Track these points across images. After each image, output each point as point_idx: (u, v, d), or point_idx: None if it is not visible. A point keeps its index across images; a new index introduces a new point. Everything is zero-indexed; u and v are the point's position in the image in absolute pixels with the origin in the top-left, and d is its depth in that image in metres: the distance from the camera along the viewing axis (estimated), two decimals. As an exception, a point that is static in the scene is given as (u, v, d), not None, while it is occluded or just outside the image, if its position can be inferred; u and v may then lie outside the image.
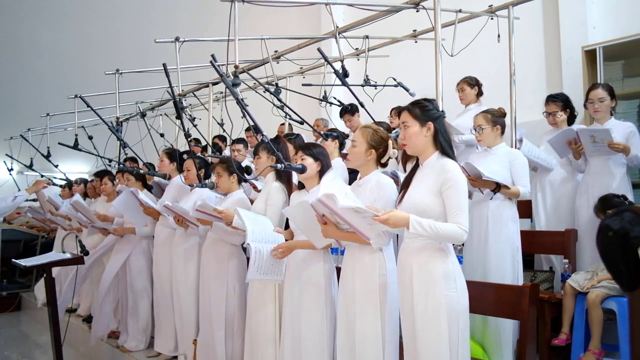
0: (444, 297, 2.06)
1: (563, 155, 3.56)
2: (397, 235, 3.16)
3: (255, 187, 3.88)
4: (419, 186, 2.19)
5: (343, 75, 3.74)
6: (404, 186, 2.29)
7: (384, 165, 2.60)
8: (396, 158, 3.10)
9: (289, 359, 2.73)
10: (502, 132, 3.32)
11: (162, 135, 5.69)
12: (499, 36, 4.23)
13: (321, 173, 2.80)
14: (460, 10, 4.11)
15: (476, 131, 3.27)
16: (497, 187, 3.07)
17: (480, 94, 4.35)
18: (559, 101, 3.68)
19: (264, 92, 4.19)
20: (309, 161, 2.80)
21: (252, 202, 3.46)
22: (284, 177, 3.15)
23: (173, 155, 4.20)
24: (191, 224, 3.54)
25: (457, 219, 2.06)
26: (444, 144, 2.21)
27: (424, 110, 2.21)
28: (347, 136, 4.18)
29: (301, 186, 2.93)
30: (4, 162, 7.68)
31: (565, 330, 3.01)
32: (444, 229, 2.03)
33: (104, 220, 4.62)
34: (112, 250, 4.58)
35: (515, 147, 3.67)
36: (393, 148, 2.53)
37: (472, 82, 4.33)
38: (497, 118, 3.28)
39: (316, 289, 2.69)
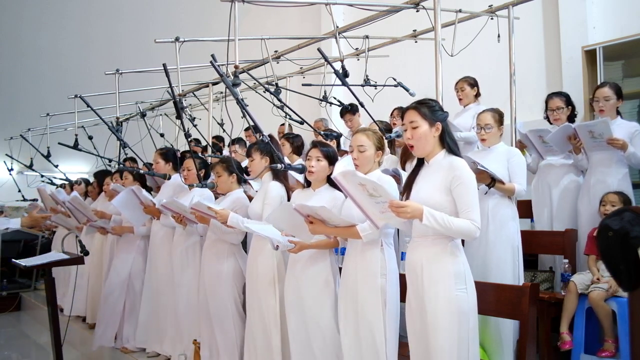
0: (454, 297, 2.06)
1: (563, 151, 3.56)
2: (398, 236, 3.18)
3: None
4: (426, 184, 2.19)
5: (343, 75, 3.74)
6: (407, 186, 2.29)
7: (380, 164, 2.65)
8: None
9: (297, 356, 2.73)
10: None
11: (162, 135, 5.69)
12: (499, 36, 4.22)
13: (329, 177, 2.80)
14: (460, 10, 4.11)
15: (483, 130, 3.23)
16: (492, 182, 3.05)
17: (478, 94, 4.36)
18: (562, 96, 3.68)
19: (264, 92, 4.19)
20: (323, 163, 2.79)
21: (250, 199, 3.46)
22: (281, 176, 3.15)
23: (167, 155, 4.19)
24: (190, 222, 3.54)
25: (470, 216, 2.06)
26: (450, 143, 2.22)
27: (432, 110, 2.21)
28: (340, 135, 4.19)
29: (306, 184, 2.92)
30: (4, 162, 7.70)
31: (564, 329, 2.97)
32: (456, 224, 2.04)
33: (101, 217, 4.61)
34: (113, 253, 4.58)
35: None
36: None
37: (472, 82, 4.35)
38: (502, 118, 3.28)
39: (321, 288, 2.69)
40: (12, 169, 7.62)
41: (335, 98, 4.84)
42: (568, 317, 2.99)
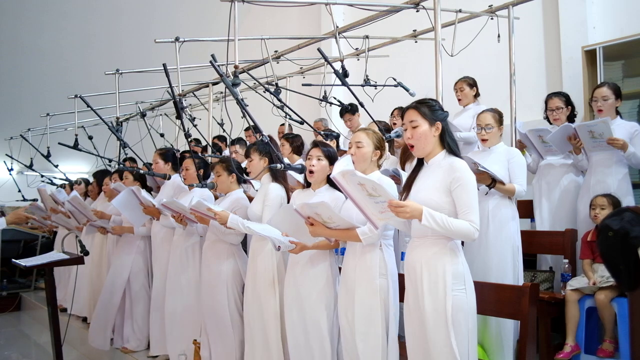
0: (452, 298, 2.06)
1: (564, 151, 3.56)
2: (398, 235, 3.18)
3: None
4: (425, 185, 2.19)
5: (343, 75, 3.74)
6: (406, 186, 2.28)
7: (379, 167, 2.65)
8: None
9: (296, 357, 2.73)
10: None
11: (162, 135, 5.69)
12: (499, 36, 4.23)
13: (329, 177, 2.80)
14: (460, 10, 4.11)
15: (484, 130, 3.22)
16: (493, 183, 3.05)
17: (477, 94, 4.36)
18: (562, 96, 3.69)
19: (264, 92, 4.19)
20: (324, 163, 2.79)
21: (250, 199, 3.46)
22: (280, 176, 3.15)
23: (167, 155, 4.19)
24: (190, 222, 3.54)
25: (469, 217, 2.06)
26: (450, 143, 2.22)
27: (432, 110, 2.21)
28: (339, 135, 4.19)
29: (306, 184, 2.92)
30: (4, 162, 7.70)
31: (570, 342, 2.92)
32: (455, 225, 2.04)
33: (101, 217, 4.62)
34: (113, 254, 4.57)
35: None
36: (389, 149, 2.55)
37: (471, 82, 4.36)
38: (502, 118, 3.28)
39: (321, 289, 2.69)
40: (12, 169, 7.63)
41: (335, 98, 4.84)
42: (573, 328, 2.95)
